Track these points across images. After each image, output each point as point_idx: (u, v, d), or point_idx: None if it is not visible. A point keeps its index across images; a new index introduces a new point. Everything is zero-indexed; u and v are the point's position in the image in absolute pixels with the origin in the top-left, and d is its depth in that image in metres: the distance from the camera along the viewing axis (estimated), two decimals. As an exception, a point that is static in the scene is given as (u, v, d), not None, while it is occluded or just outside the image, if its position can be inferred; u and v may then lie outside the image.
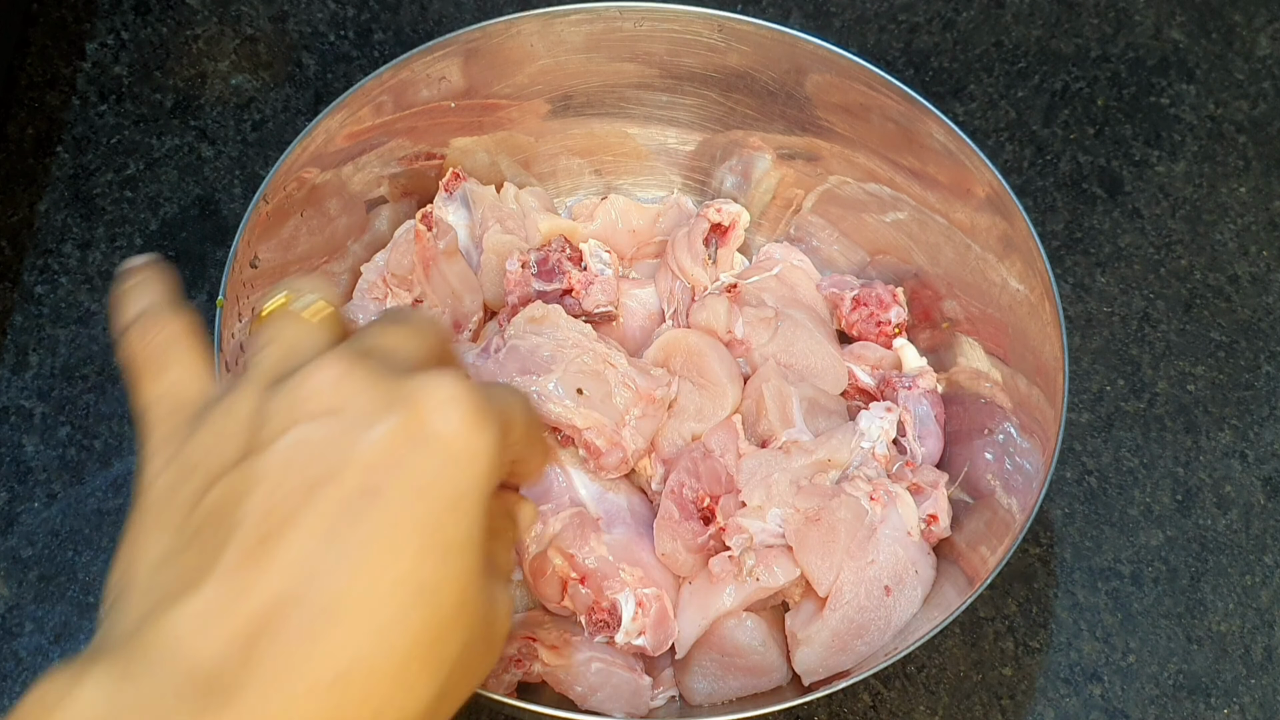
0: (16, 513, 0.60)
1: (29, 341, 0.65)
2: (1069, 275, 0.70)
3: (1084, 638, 0.60)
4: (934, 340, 0.62)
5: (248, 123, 0.72)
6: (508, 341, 0.56)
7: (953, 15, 0.78)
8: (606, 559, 0.54)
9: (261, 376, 0.35)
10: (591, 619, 0.54)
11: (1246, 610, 0.61)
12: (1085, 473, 0.64)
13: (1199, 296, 0.70)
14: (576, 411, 0.55)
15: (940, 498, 0.56)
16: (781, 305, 0.61)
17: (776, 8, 0.78)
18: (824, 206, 0.65)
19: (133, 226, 0.68)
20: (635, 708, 0.53)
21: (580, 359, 0.55)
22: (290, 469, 0.32)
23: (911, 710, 0.58)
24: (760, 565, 0.53)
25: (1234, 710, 0.59)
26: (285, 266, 0.57)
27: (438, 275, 0.60)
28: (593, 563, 0.53)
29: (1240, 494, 0.64)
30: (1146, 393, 0.67)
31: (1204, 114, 0.75)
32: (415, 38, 0.75)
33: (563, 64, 0.62)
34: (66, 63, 0.73)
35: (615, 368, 0.56)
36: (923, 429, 0.59)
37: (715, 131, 0.65)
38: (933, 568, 0.55)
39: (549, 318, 0.57)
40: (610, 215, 0.65)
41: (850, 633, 0.52)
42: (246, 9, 0.76)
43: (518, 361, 0.56)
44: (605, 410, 0.55)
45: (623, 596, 0.53)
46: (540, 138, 0.65)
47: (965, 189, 0.58)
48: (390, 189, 0.62)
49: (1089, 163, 0.73)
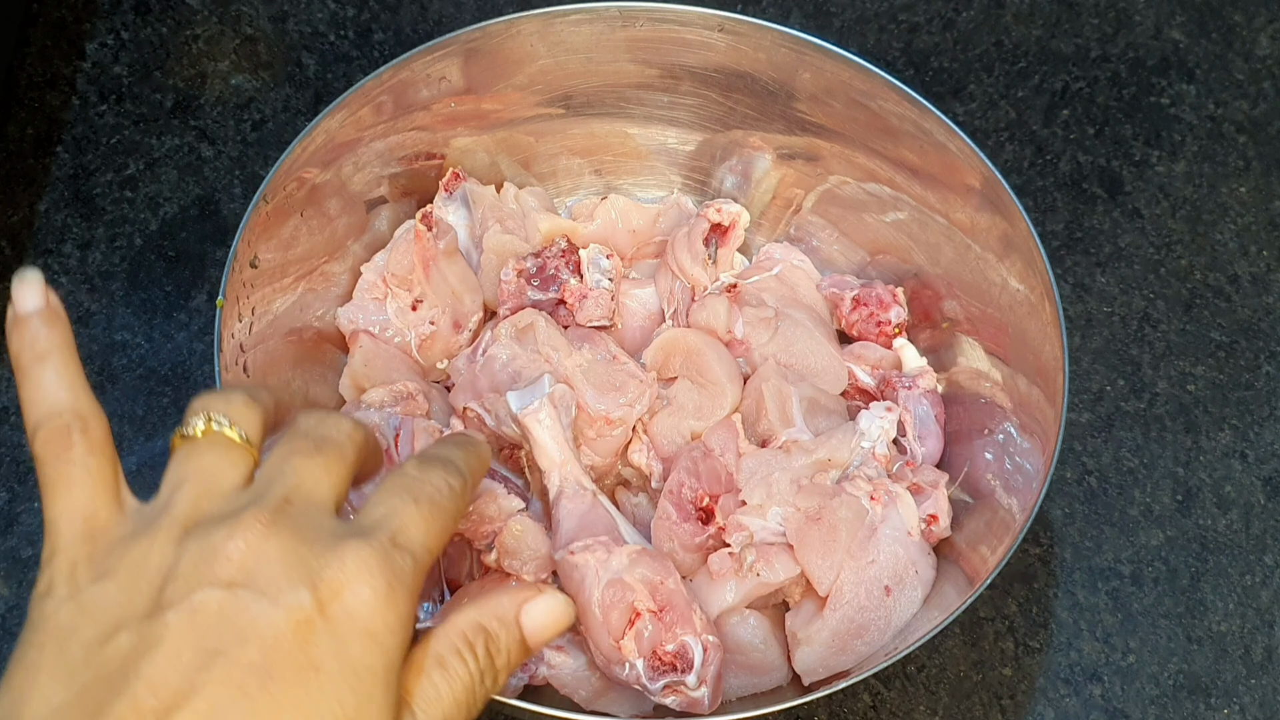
0: (16, 513, 0.60)
1: (29, 341, 0.65)
2: (1069, 275, 0.70)
3: (1084, 638, 0.60)
4: (934, 340, 0.62)
5: (248, 123, 0.72)
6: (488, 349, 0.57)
7: (953, 15, 0.78)
8: (683, 593, 0.51)
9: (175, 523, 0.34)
10: (655, 662, 0.50)
11: (1246, 610, 0.61)
12: (1085, 473, 0.64)
13: (1199, 296, 0.70)
14: (526, 435, 0.53)
15: (940, 498, 0.56)
16: (781, 305, 0.61)
17: (776, 8, 0.78)
18: (824, 206, 0.65)
19: (133, 226, 0.68)
20: (639, 708, 0.53)
21: (545, 378, 0.55)
22: (189, 635, 0.31)
23: (911, 710, 0.58)
24: (760, 561, 0.53)
25: (1234, 710, 0.59)
26: (285, 266, 0.57)
27: (438, 275, 0.60)
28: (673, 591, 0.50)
29: (1240, 494, 0.64)
30: (1146, 393, 0.67)
31: (1204, 114, 0.75)
32: (415, 38, 0.75)
33: (563, 64, 0.62)
34: (66, 63, 0.73)
35: (573, 388, 0.55)
36: (923, 429, 0.59)
37: (715, 131, 0.65)
38: (933, 568, 0.55)
39: (533, 328, 0.57)
40: (610, 215, 0.65)
41: (850, 633, 0.52)
42: (246, 9, 0.76)
43: (490, 373, 0.56)
44: (554, 433, 0.54)
45: (691, 639, 0.50)
46: (540, 138, 0.65)
47: (965, 189, 0.58)
48: (390, 189, 0.62)
49: (1089, 163, 0.73)
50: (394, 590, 0.33)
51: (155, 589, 0.32)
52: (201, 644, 0.31)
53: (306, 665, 0.32)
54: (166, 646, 0.31)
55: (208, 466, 0.36)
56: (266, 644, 0.31)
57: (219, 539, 0.33)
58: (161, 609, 0.32)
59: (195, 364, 0.64)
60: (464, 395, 0.57)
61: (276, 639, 0.32)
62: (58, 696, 0.31)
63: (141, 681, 0.31)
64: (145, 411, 0.63)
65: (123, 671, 0.31)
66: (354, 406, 0.57)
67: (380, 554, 0.34)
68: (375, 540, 0.34)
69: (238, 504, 0.34)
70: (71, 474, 0.36)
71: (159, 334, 0.65)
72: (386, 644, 0.33)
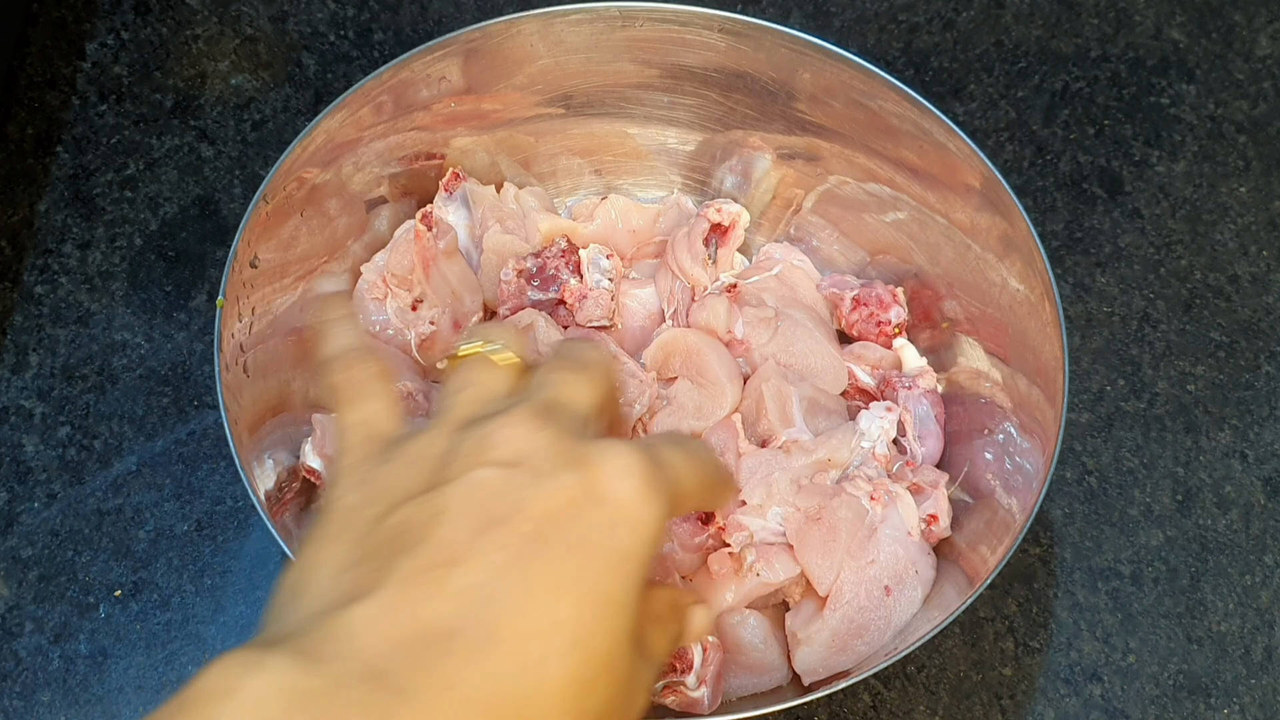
0: (16, 513, 0.60)
1: (29, 341, 0.65)
2: (1069, 275, 0.70)
3: (1084, 638, 0.60)
4: (934, 340, 0.62)
5: (248, 123, 0.72)
6: None
7: (953, 15, 0.78)
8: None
9: (454, 420, 0.38)
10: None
11: (1246, 610, 0.61)
12: (1085, 473, 0.64)
13: (1199, 296, 0.70)
14: None
15: (940, 498, 0.56)
16: (781, 305, 0.61)
17: (776, 8, 0.78)
18: (824, 206, 0.65)
19: (133, 226, 0.68)
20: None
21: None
22: (470, 505, 0.34)
23: (911, 710, 0.58)
24: (760, 561, 0.53)
25: (1234, 710, 0.59)
26: (285, 266, 0.57)
27: (437, 275, 0.60)
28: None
29: (1240, 494, 0.64)
30: (1146, 393, 0.67)
31: (1204, 114, 0.75)
32: (415, 38, 0.75)
33: (563, 64, 0.62)
34: (66, 63, 0.73)
35: None
36: (923, 429, 0.59)
37: (715, 131, 0.65)
38: (933, 568, 0.55)
39: (533, 328, 0.57)
40: (610, 215, 0.65)
41: (850, 633, 0.52)
42: (246, 9, 0.76)
43: None
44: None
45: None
46: (540, 138, 0.65)
47: (965, 189, 0.58)
48: (390, 189, 0.62)
49: (1089, 163, 0.73)
50: (654, 491, 0.36)
51: (435, 470, 0.36)
52: (481, 512, 0.34)
53: (577, 540, 0.34)
54: (449, 513, 0.34)
55: (481, 378, 0.40)
56: (540, 517, 0.34)
57: (494, 427, 0.36)
58: (443, 483, 0.35)
59: (195, 364, 0.64)
60: (464, 395, 0.56)
61: (550, 513, 0.34)
62: (348, 558, 0.35)
63: (426, 542, 0.34)
64: (145, 411, 0.63)
65: (408, 535, 0.34)
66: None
67: (643, 456, 0.36)
68: (639, 445, 0.37)
69: (507, 405, 0.38)
70: (362, 389, 0.41)
71: (159, 334, 0.65)
72: (645, 538, 0.35)
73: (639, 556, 0.35)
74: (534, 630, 0.33)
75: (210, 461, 0.62)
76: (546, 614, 0.33)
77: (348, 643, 0.32)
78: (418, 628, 0.32)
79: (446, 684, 0.32)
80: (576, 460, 0.35)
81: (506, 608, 0.33)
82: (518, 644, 0.32)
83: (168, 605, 0.59)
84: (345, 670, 0.31)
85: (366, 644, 0.32)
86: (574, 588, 0.34)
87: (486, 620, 0.33)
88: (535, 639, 0.33)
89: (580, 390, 0.39)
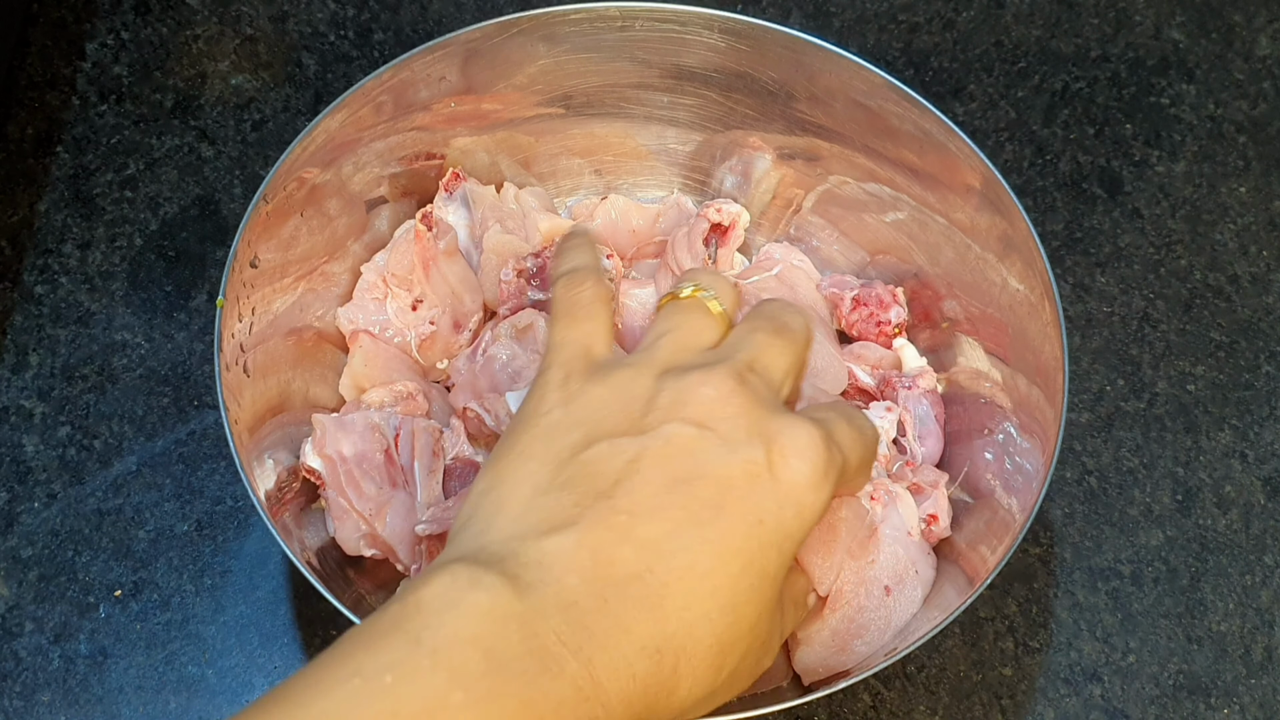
0: (16, 513, 0.60)
1: (29, 341, 0.65)
2: (1069, 275, 0.70)
3: (1084, 638, 0.60)
4: (934, 340, 0.62)
5: (248, 123, 0.72)
6: (488, 349, 0.57)
7: (953, 15, 0.78)
8: None
9: (656, 362, 0.40)
10: None
11: (1246, 610, 0.61)
12: (1085, 473, 0.64)
13: (1199, 296, 0.70)
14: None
15: (940, 498, 0.56)
16: (781, 305, 0.61)
17: (776, 8, 0.78)
18: (824, 206, 0.65)
19: (133, 226, 0.68)
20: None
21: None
22: (661, 461, 0.37)
23: (911, 710, 0.58)
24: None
25: (1234, 710, 0.59)
26: (285, 266, 0.57)
27: (437, 275, 0.60)
28: None
29: (1240, 494, 0.64)
30: (1146, 393, 0.67)
31: (1204, 114, 0.75)
32: (415, 38, 0.75)
33: (563, 64, 0.62)
34: (66, 63, 0.73)
35: None
36: (923, 429, 0.59)
37: (715, 131, 0.65)
38: (933, 568, 0.55)
39: (533, 328, 0.57)
40: (610, 215, 0.65)
41: (850, 633, 0.52)
42: (246, 9, 0.76)
43: (490, 373, 0.56)
44: None
45: None
46: (540, 138, 0.65)
47: (965, 189, 0.58)
48: (390, 189, 0.62)
49: (1089, 163, 0.73)
50: (825, 478, 0.38)
51: (636, 413, 0.38)
52: (670, 470, 0.37)
53: (750, 513, 0.37)
54: (644, 467, 0.37)
55: (689, 323, 0.42)
56: (721, 484, 0.37)
57: (693, 382, 0.38)
58: (641, 431, 0.38)
59: (195, 364, 0.64)
60: (464, 395, 0.57)
61: (730, 481, 0.37)
62: (545, 480, 0.37)
63: (620, 491, 0.36)
64: (145, 411, 0.63)
65: (604, 476, 0.37)
66: (354, 407, 0.57)
67: (824, 439, 0.38)
68: (821, 427, 0.39)
69: (709, 359, 0.40)
70: (581, 307, 0.42)
71: (159, 334, 0.65)
72: (808, 520, 0.38)
73: (796, 537, 0.37)
74: (696, 590, 0.35)
75: (210, 461, 0.62)
76: (709, 577, 0.36)
77: (547, 571, 0.35)
78: (608, 569, 0.35)
79: (623, 627, 0.34)
80: (762, 433, 0.37)
81: (677, 563, 0.35)
82: (681, 599, 0.35)
83: (168, 605, 0.59)
84: (544, 599, 0.34)
85: (562, 575, 0.35)
86: (736, 557, 0.36)
87: (660, 573, 0.35)
88: (696, 599, 0.35)
89: (777, 356, 0.41)
